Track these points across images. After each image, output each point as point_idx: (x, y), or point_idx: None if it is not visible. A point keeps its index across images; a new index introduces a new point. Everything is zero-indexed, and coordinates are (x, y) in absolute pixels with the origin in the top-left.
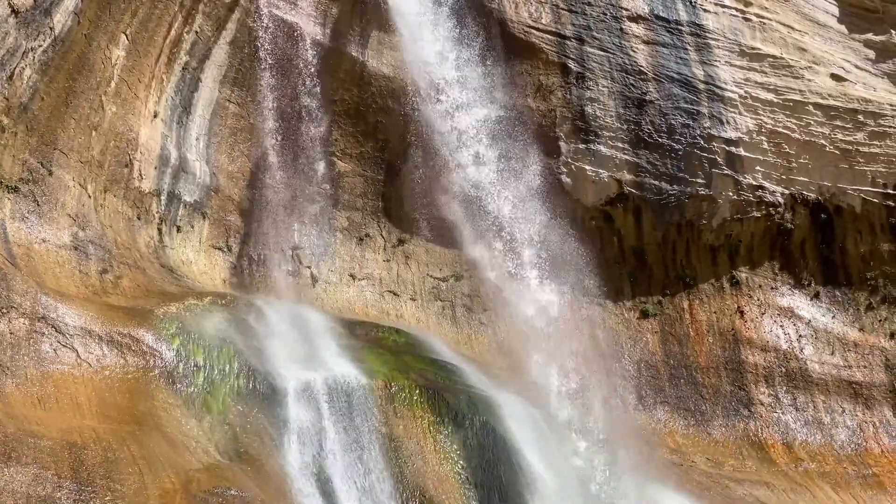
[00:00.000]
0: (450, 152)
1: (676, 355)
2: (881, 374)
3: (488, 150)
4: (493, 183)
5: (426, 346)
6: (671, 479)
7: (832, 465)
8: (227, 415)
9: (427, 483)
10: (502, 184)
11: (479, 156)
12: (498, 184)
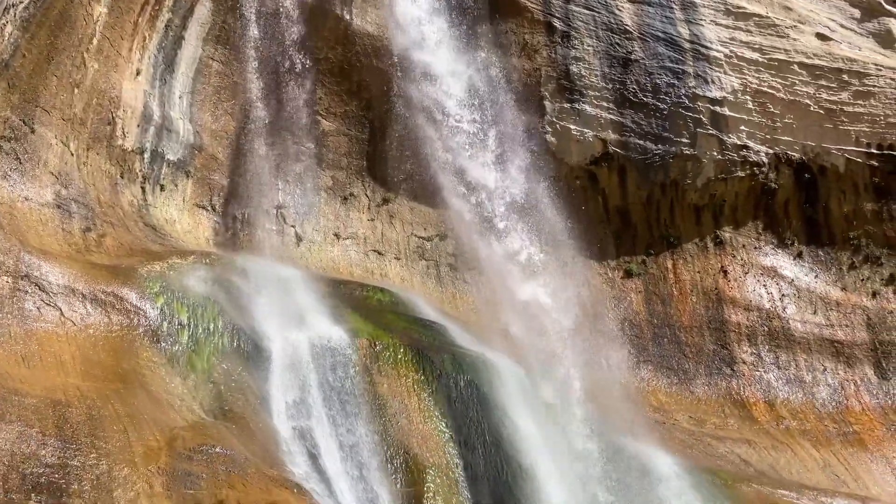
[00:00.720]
0: (434, 111)
1: (660, 314)
2: (863, 332)
3: (472, 109)
4: (477, 142)
5: (410, 305)
6: (654, 436)
7: (813, 422)
8: (212, 373)
9: (411, 441)
10: (486, 143)
11: (463, 115)
12: (482, 143)
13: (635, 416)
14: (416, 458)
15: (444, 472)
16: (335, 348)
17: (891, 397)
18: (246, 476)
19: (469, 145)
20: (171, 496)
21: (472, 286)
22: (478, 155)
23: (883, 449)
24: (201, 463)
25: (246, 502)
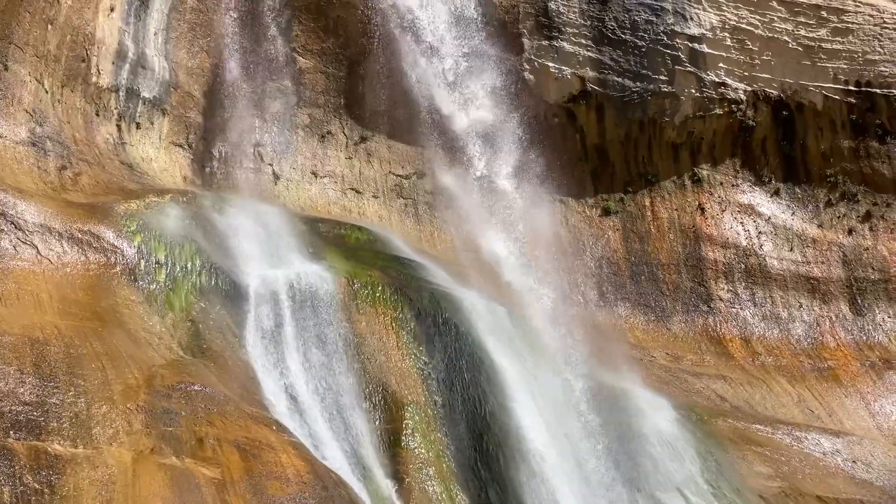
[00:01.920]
0: (411, 49)
1: (638, 252)
2: (838, 269)
3: (450, 46)
4: (453, 80)
5: (389, 243)
6: (631, 372)
7: (789, 358)
8: (190, 312)
9: (390, 378)
10: (463, 80)
11: (439, 53)
12: (458, 80)
13: (613, 352)
14: (395, 395)
15: (422, 409)
16: (313, 287)
17: (865, 333)
18: (225, 413)
19: (446, 83)
20: (150, 433)
21: (450, 224)
22: (454, 93)
23: (857, 384)
24: (180, 401)
25: (225, 439)
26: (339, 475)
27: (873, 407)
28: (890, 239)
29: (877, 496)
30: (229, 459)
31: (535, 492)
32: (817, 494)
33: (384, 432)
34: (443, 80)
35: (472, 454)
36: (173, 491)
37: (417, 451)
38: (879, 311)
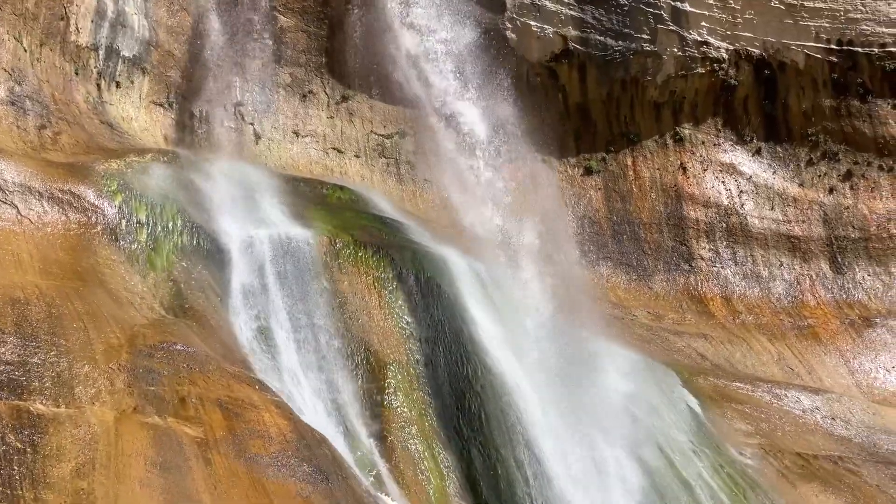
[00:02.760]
0: (392, 8)
1: (619, 211)
2: (819, 228)
3: (431, 4)
4: (436, 39)
5: (371, 202)
6: (613, 332)
7: (769, 317)
8: (172, 271)
9: (372, 338)
10: (445, 39)
11: (422, 12)
12: (441, 40)
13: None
14: (377, 354)
15: (404, 369)
16: (295, 246)
17: (845, 291)
18: (207, 372)
19: (427, 42)
20: (132, 393)
21: (432, 183)
22: (437, 52)
23: (836, 342)
24: (162, 360)
25: (207, 398)
26: (321, 434)
27: (852, 364)
28: (870, 198)
29: (855, 452)
30: (212, 418)
31: (517, 449)
32: (796, 451)
33: (367, 391)
34: (424, 39)
35: (455, 413)
36: (156, 450)
37: (400, 409)
38: (859, 270)
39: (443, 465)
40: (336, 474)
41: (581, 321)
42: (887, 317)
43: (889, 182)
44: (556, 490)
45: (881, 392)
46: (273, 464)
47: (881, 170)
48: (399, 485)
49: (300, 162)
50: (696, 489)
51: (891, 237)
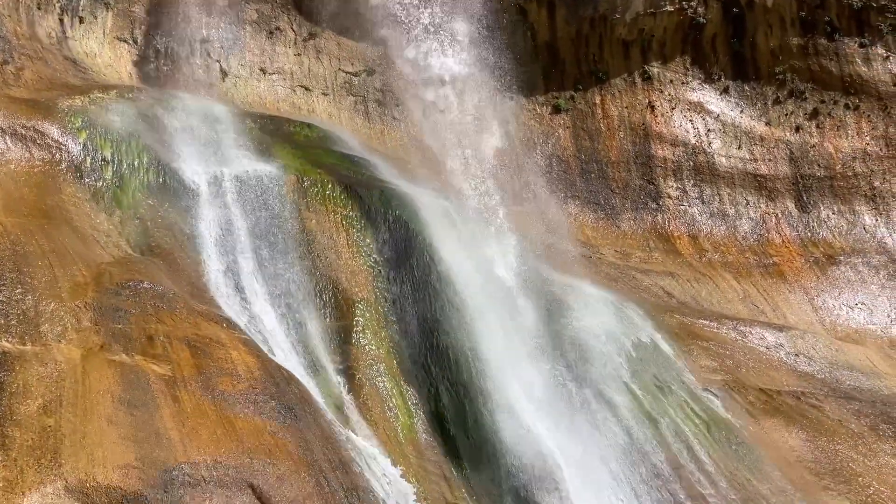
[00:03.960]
0: None
1: (588, 150)
2: (785, 166)
3: None
4: None
5: (339, 140)
6: (580, 270)
7: (735, 255)
8: (138, 209)
9: (340, 276)
10: None
11: None
12: None
13: (562, 248)
14: (345, 292)
15: (372, 307)
16: (263, 184)
17: (810, 230)
18: (174, 311)
19: None
20: (99, 331)
21: (400, 122)
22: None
23: (801, 279)
24: (129, 298)
25: (175, 336)
26: (289, 371)
27: (816, 302)
28: (836, 136)
29: (817, 388)
30: (179, 356)
31: (484, 389)
32: (759, 386)
33: (335, 329)
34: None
35: (423, 351)
36: (123, 387)
37: (368, 347)
38: (824, 208)
39: (410, 403)
40: (304, 411)
41: (548, 257)
42: (851, 255)
43: (855, 121)
44: (522, 426)
45: (844, 329)
46: (241, 401)
47: (847, 108)
48: (367, 422)
49: (267, 100)
50: (662, 425)
51: (856, 176)
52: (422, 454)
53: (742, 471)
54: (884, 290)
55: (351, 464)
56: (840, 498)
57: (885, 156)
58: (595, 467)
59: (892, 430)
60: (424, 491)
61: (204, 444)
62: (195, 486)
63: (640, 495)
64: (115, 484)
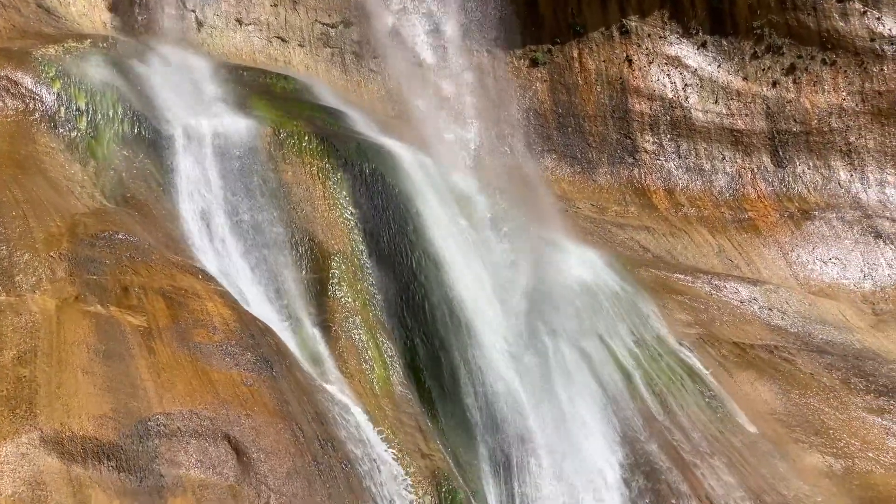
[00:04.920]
0: None
1: (565, 104)
2: (762, 121)
3: None
4: None
5: (315, 92)
6: (556, 223)
7: (710, 209)
8: (113, 160)
9: (316, 228)
10: None
11: None
12: None
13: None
14: (322, 245)
15: (348, 259)
16: (239, 136)
17: (785, 184)
18: (150, 262)
19: None
20: (73, 281)
21: (377, 74)
22: None
23: (776, 234)
24: (104, 249)
25: (150, 287)
26: (265, 323)
27: (790, 256)
28: (812, 91)
29: (790, 342)
30: (155, 308)
31: (460, 341)
32: (733, 340)
33: (311, 282)
34: None
35: (399, 304)
36: (99, 338)
37: (344, 300)
38: (800, 163)
39: (386, 355)
40: (280, 363)
41: (525, 212)
42: (825, 210)
43: (831, 76)
44: (497, 378)
45: (817, 283)
46: (217, 353)
47: (824, 63)
48: (343, 374)
49: (243, 50)
50: (635, 377)
51: (831, 131)
52: (397, 407)
53: (715, 423)
54: (857, 245)
55: (327, 415)
56: (811, 450)
57: (861, 111)
58: (568, 419)
59: (863, 384)
60: (400, 443)
61: (179, 396)
62: (171, 437)
63: (613, 447)
64: (91, 434)
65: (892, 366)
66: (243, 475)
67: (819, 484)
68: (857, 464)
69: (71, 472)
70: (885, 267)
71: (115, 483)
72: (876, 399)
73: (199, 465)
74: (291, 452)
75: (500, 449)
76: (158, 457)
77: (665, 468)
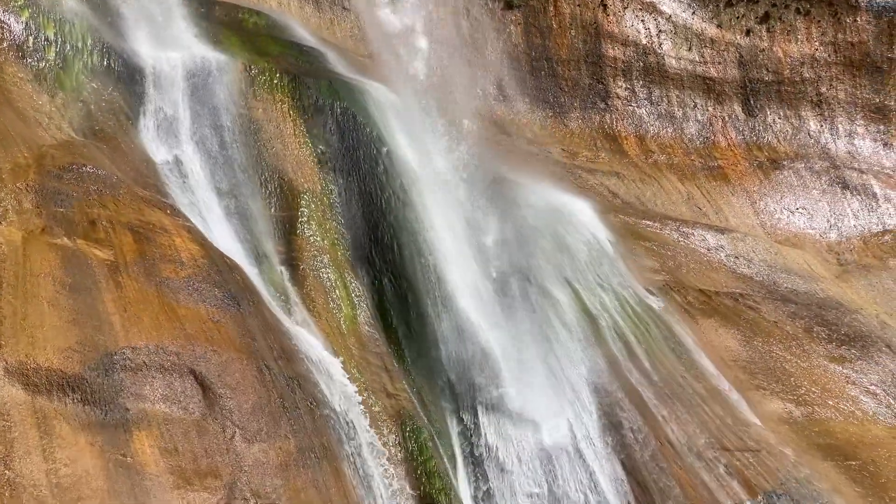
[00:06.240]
0: None
1: (538, 47)
2: (734, 70)
3: None
4: None
5: (287, 29)
6: (527, 167)
7: (681, 157)
8: (81, 92)
9: (286, 166)
10: None
11: None
12: None
13: (511, 147)
14: (291, 183)
15: (318, 198)
16: (210, 71)
17: (756, 134)
18: (117, 196)
19: None
20: (41, 213)
21: (350, 12)
22: None
23: (744, 183)
24: (72, 182)
25: (118, 221)
26: (233, 260)
27: (758, 205)
28: (786, 41)
29: (755, 290)
30: (122, 242)
31: (428, 282)
32: (699, 287)
33: (280, 219)
34: None
35: (368, 243)
36: (65, 271)
37: (313, 238)
38: (770, 113)
39: (354, 295)
40: (247, 300)
41: (496, 155)
42: (794, 160)
43: (805, 26)
44: (465, 319)
45: (784, 233)
46: (184, 288)
47: (798, 13)
48: (310, 312)
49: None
50: (601, 322)
51: (803, 81)
52: (364, 346)
53: (678, 368)
54: (824, 195)
55: (294, 353)
56: (771, 396)
57: (833, 62)
58: (533, 361)
59: (825, 333)
60: (366, 382)
61: (146, 330)
62: (136, 371)
63: (578, 390)
64: (56, 366)
65: (854, 315)
66: (209, 410)
67: (779, 430)
68: (816, 411)
69: (35, 404)
70: (851, 217)
71: (80, 415)
72: (838, 348)
73: (165, 399)
74: (257, 389)
75: (466, 389)
76: (124, 390)
77: (628, 411)
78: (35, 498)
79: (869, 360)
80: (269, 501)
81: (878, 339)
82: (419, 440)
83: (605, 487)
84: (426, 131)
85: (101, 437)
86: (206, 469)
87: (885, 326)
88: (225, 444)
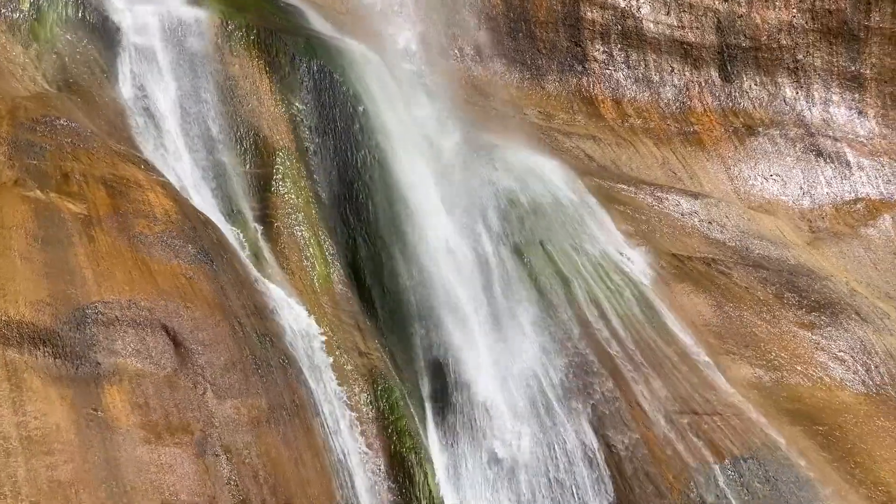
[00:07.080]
0: None
1: (517, 8)
2: (712, 35)
3: None
4: None
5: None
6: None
7: (657, 121)
8: (56, 44)
9: (262, 123)
10: None
11: None
12: None
13: (486, 108)
14: (266, 140)
15: (293, 156)
16: (186, 25)
17: (732, 99)
18: (91, 149)
19: None
20: (13, 165)
21: None
22: None
23: (719, 149)
24: (45, 134)
25: (91, 175)
26: (207, 216)
27: (733, 171)
28: (764, 7)
29: (728, 255)
30: (96, 196)
31: (402, 242)
32: (672, 252)
33: (254, 176)
34: None
35: (342, 202)
36: (38, 223)
37: (287, 196)
38: (747, 79)
39: (328, 253)
40: (220, 257)
41: (472, 116)
42: (770, 126)
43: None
44: (437, 280)
45: (757, 199)
46: (157, 243)
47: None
48: (283, 270)
49: None
50: (574, 284)
51: (780, 48)
52: (337, 304)
53: (649, 332)
54: (798, 162)
55: (266, 310)
56: (742, 362)
57: (811, 29)
58: (506, 323)
59: (795, 299)
60: (338, 340)
61: (118, 285)
62: (108, 326)
63: (549, 352)
64: (28, 320)
65: (825, 282)
66: (181, 366)
67: (748, 395)
68: (785, 376)
69: (6, 356)
70: (824, 185)
71: (51, 369)
72: (807, 314)
73: (137, 354)
74: (229, 345)
75: (438, 347)
76: (96, 345)
77: (598, 374)
78: (5, 450)
79: (838, 326)
80: (239, 457)
81: (847, 306)
82: (391, 399)
83: (574, 448)
84: (404, 91)
85: (73, 391)
86: (177, 424)
87: (854, 294)
88: (196, 399)
